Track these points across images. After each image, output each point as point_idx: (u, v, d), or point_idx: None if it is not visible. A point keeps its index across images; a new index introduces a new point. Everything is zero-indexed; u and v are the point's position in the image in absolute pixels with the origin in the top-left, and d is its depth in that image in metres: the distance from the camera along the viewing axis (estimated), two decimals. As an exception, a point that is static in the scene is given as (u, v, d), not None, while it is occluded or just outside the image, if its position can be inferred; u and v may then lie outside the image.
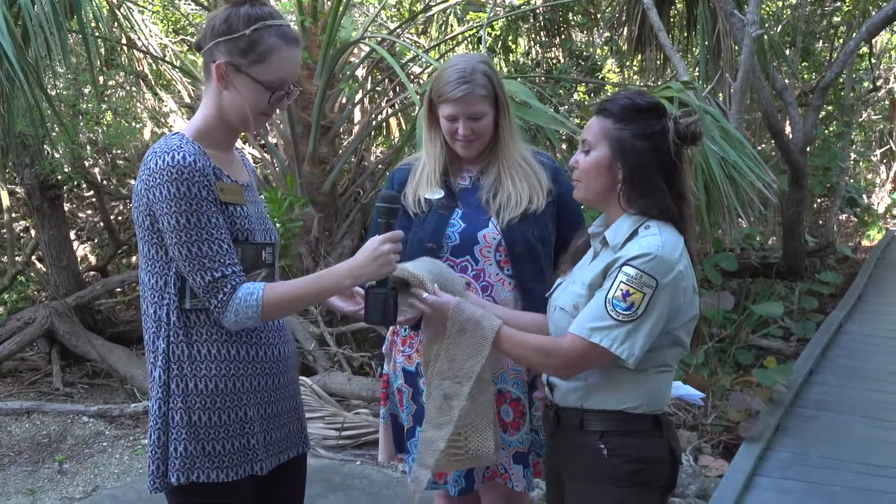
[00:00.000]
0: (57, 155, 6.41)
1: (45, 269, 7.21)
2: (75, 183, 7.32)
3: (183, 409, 1.85)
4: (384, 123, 8.17)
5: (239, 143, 7.58)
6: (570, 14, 8.42)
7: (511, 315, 2.19)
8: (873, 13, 8.55)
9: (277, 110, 2.00)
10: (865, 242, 11.91)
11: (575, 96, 7.98)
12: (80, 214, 8.91)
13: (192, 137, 1.89)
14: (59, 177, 6.37)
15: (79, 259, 7.18)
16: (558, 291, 2.04)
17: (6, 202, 7.87)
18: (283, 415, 2.02)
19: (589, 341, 1.79)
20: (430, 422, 2.08)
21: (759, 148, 9.84)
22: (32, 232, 7.81)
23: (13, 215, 8.13)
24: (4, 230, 8.09)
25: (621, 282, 1.78)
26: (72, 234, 7.08)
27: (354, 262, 1.91)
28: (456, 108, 2.35)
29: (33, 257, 7.86)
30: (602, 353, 1.79)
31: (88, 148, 6.91)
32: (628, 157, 1.87)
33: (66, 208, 7.06)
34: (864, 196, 12.81)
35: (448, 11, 8.61)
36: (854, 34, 8.39)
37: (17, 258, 7.86)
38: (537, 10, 8.22)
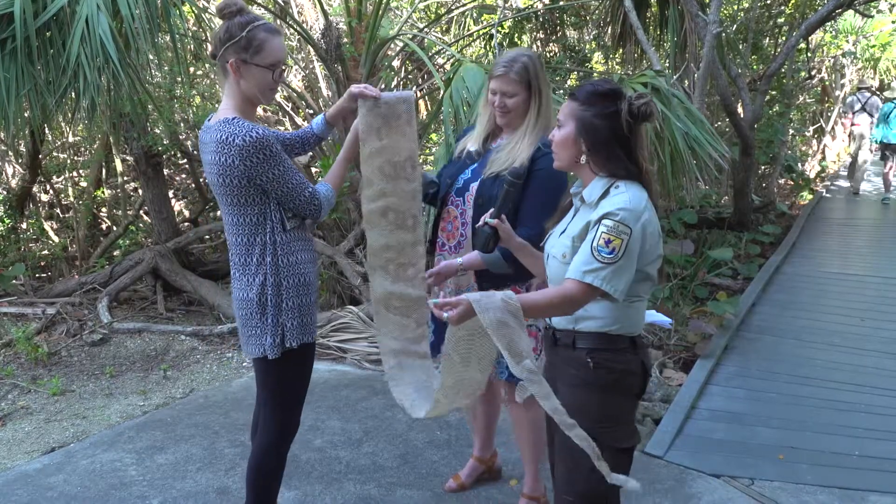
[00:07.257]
0: (157, 131, 6.38)
1: (150, 221, 7.22)
2: (172, 153, 7.30)
3: (295, 296, 2.13)
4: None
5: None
6: (565, 15, 8.21)
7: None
8: (810, 15, 8.29)
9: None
10: (799, 202, 11.70)
11: (568, 82, 7.80)
12: (177, 178, 8.92)
13: (241, 118, 2.04)
14: (160, 148, 6.35)
15: (175, 213, 7.18)
16: (550, 241, 1.99)
17: (119, 168, 7.89)
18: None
19: (583, 282, 1.73)
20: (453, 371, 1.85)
21: (716, 125, 9.64)
22: (140, 191, 7.82)
23: (125, 178, 8.16)
24: (119, 190, 8.14)
25: (602, 232, 1.73)
26: (170, 193, 7.07)
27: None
28: (495, 84, 2.44)
29: (141, 211, 7.87)
30: (594, 290, 1.74)
31: (182, 125, 6.87)
32: (589, 133, 1.83)
33: (165, 173, 7.04)
34: (799, 164, 12.61)
35: (466, 14, 8.46)
36: (794, 33, 8.13)
37: (128, 212, 7.92)
38: (538, 12, 8.05)
